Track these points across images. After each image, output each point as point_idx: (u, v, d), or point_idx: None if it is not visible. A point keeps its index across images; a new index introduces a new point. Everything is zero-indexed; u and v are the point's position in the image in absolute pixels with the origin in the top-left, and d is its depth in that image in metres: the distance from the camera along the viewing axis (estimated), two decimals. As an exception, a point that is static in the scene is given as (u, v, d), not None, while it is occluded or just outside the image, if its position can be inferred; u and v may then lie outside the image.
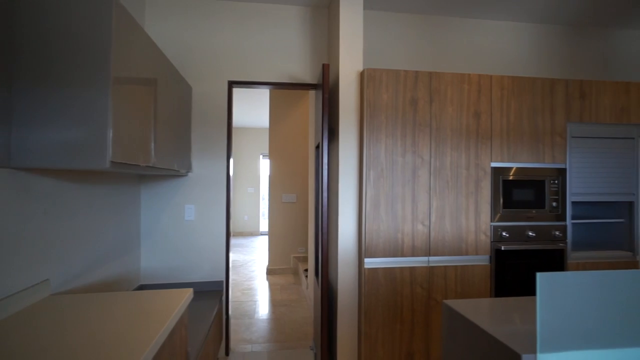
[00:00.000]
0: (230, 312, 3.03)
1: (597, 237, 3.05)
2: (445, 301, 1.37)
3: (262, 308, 4.04)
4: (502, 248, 2.53)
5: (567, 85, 2.69)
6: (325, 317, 2.42)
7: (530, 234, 2.60)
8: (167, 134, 2.13)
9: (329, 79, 2.96)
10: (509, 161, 2.60)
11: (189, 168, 2.70)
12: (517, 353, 0.97)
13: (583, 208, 3.20)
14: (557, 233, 2.63)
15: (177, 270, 2.85)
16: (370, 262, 2.42)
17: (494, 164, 2.57)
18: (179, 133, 2.41)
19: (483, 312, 1.27)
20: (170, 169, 2.19)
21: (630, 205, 2.79)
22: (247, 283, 5.00)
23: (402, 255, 2.45)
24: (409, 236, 2.46)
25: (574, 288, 0.96)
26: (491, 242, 2.55)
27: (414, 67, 3.17)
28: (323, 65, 2.47)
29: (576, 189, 2.69)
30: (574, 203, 3.17)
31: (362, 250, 2.43)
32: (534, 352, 0.96)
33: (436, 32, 3.21)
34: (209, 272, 2.89)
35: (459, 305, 1.33)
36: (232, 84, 3.00)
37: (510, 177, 2.59)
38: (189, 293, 1.59)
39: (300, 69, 3.07)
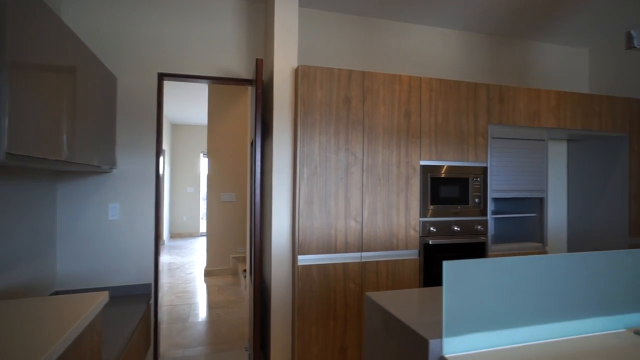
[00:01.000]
0: (161, 316, 2.88)
1: (514, 230, 3.32)
2: (367, 293, 1.40)
3: (198, 311, 3.89)
4: (430, 242, 2.66)
5: (488, 89, 2.89)
6: (257, 316, 2.39)
7: (456, 228, 2.75)
8: (86, 126, 1.97)
9: (264, 74, 2.93)
10: (436, 159, 2.73)
11: (112, 164, 2.52)
12: (425, 338, 1.01)
13: (503, 204, 3.46)
14: (479, 227, 2.81)
15: (99, 274, 2.65)
16: (304, 259, 2.42)
17: (423, 162, 2.69)
18: (100, 126, 2.24)
19: (401, 302, 1.32)
20: (89, 164, 2.03)
21: (540, 201, 3.06)
22: (183, 286, 4.80)
23: (336, 252, 2.48)
24: (342, 232, 2.49)
25: (475, 275, 1.02)
26: (420, 236, 2.67)
27: (349, 67, 3.23)
28: (256, 60, 2.43)
29: (496, 186, 2.89)
30: (494, 199, 3.42)
31: (296, 247, 2.42)
32: (440, 336, 1.01)
33: (371, 34, 3.29)
34: (135, 276, 2.72)
35: (380, 296, 1.37)
36: (162, 77, 2.85)
37: (438, 175, 2.73)
38: (102, 297, 1.47)
39: (236, 63, 3.00)
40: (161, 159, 2.87)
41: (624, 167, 3.33)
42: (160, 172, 2.86)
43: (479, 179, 2.82)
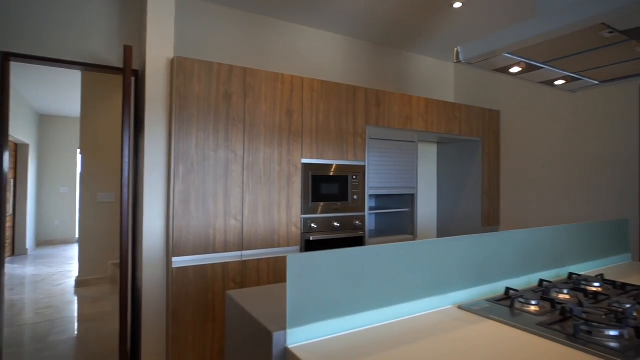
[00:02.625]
0: (9, 339, 2.46)
1: (391, 225, 3.60)
2: (228, 292, 1.37)
3: (64, 327, 3.43)
4: (311, 238, 2.74)
5: (366, 93, 3.09)
6: (125, 325, 2.19)
7: (336, 224, 2.88)
8: None
9: (138, 64, 2.70)
10: (318, 158, 2.82)
11: None
12: (269, 331, 1.01)
13: (382, 200, 3.73)
14: (357, 222, 2.98)
15: None
16: (179, 261, 2.29)
17: (304, 160, 2.76)
18: None
19: (262, 297, 1.32)
20: None
21: (412, 197, 3.38)
22: (46, 300, 4.19)
23: (214, 252, 2.40)
24: (221, 232, 2.42)
25: (319, 266, 1.06)
26: (301, 233, 2.73)
27: (235, 63, 3.16)
28: (125, 47, 2.23)
29: (373, 184, 3.10)
30: (371, 196, 3.67)
31: (170, 248, 2.28)
32: (285, 328, 1.03)
33: (259, 32, 3.27)
34: (-31, 291, 2.28)
35: (240, 293, 1.35)
36: (8, 56, 2.44)
37: (319, 173, 2.82)
38: None
39: (107, 49, 2.71)
40: (7, 153, 2.45)
41: (479, 167, 3.86)
42: (7, 168, 2.44)
43: (357, 177, 3.00)
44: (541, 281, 1.55)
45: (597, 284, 1.55)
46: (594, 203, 3.26)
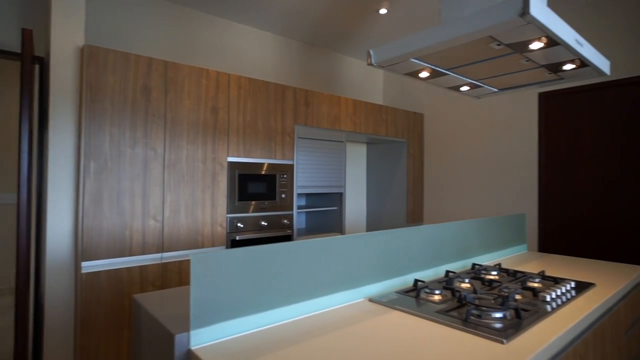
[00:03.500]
0: None
1: (322, 223, 3.66)
2: (134, 296, 1.30)
3: (-47, 345, 3.01)
4: (237, 238, 2.69)
5: (295, 92, 3.10)
6: (23, 341, 1.98)
7: (263, 223, 2.86)
8: None
9: (42, 51, 2.46)
10: (245, 156, 2.78)
11: None
12: (171, 333, 0.98)
13: (313, 198, 3.78)
14: (285, 221, 2.99)
15: None
16: (89, 266, 2.12)
17: (230, 159, 2.70)
18: None
19: (171, 299, 1.27)
20: None
21: (340, 195, 3.47)
22: None
23: (131, 254, 2.26)
24: (139, 233, 2.29)
25: (226, 264, 1.05)
26: (227, 233, 2.67)
27: (156, 55, 3.00)
28: (23, 30, 2.01)
29: (301, 182, 3.13)
30: (300, 194, 3.70)
31: (79, 252, 2.11)
32: (189, 330, 1.00)
33: (184, 24, 3.14)
34: None
35: (148, 296, 1.29)
36: None
37: (246, 172, 2.78)
38: None
39: (5, 32, 2.43)
40: None
41: (404, 167, 4.07)
42: None
43: (285, 176, 3.00)
44: (447, 272, 1.67)
45: (494, 273, 1.70)
46: (502, 199, 3.59)
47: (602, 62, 1.52)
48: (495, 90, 1.90)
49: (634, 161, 2.86)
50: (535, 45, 1.26)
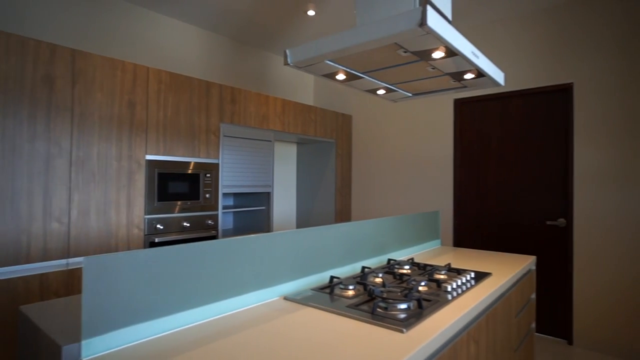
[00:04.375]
0: None
1: (249, 223, 3.61)
2: (20, 307, 1.17)
3: None
4: (157, 240, 2.56)
5: (221, 89, 3.02)
6: None
7: (186, 224, 2.75)
8: None
9: None
10: (165, 155, 2.65)
11: None
12: (58, 344, 0.90)
13: (241, 198, 3.72)
14: (210, 222, 2.90)
15: None
16: (-24, 276, 1.87)
17: (149, 157, 2.56)
18: None
19: (64, 308, 1.16)
20: None
21: (268, 195, 3.45)
22: None
23: (28, 262, 2.04)
24: (38, 237, 2.07)
25: (125, 268, 0.99)
26: (145, 235, 2.52)
27: (62, 43, 2.74)
28: None
29: (227, 182, 3.06)
30: (227, 194, 3.63)
31: (-37, 262, 1.86)
32: (80, 340, 0.92)
33: (98, 11, 2.90)
34: None
35: (39, 306, 1.17)
36: None
37: (167, 171, 2.65)
38: None
39: None
40: None
41: (333, 166, 4.16)
42: None
43: (210, 175, 2.92)
44: (363, 268, 1.74)
45: (407, 267, 1.81)
46: (423, 197, 3.82)
47: (496, 74, 1.68)
48: (410, 94, 2.01)
49: (533, 163, 3.21)
50: (437, 54, 1.36)
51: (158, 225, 2.58)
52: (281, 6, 3.15)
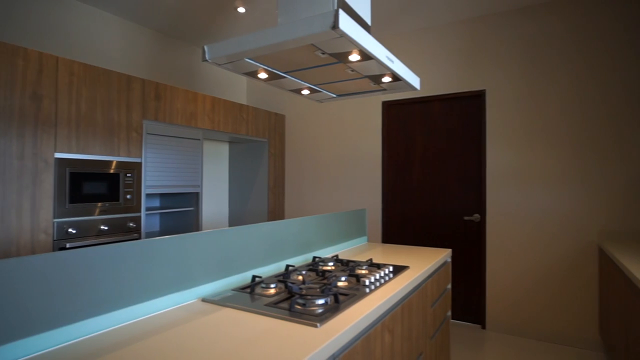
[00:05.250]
0: None
1: (177, 224, 3.46)
2: None
3: None
4: (68, 245, 2.35)
5: (143, 84, 2.86)
6: None
7: (104, 227, 2.56)
8: None
9: None
10: (79, 153, 2.45)
11: None
12: None
13: (168, 199, 3.55)
14: (131, 224, 2.73)
15: None
16: None
17: (59, 155, 2.34)
18: None
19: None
20: None
21: (197, 195, 3.33)
22: None
23: None
24: None
25: (24, 274, 0.90)
26: (54, 240, 2.31)
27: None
28: None
29: (151, 182, 2.91)
30: (150, 195, 3.45)
31: None
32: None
33: (-4, -9, 2.60)
34: None
35: None
36: None
37: (81, 170, 2.45)
38: None
39: None
40: None
41: (265, 166, 4.13)
42: None
43: (131, 175, 2.75)
44: (287, 266, 1.75)
45: (331, 264, 1.85)
46: (354, 196, 3.94)
47: (412, 78, 1.78)
48: (334, 95, 2.07)
49: (453, 163, 3.46)
50: (354, 57, 1.42)
51: (70, 230, 2.37)
52: (210, 0, 3.06)
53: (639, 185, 2.72)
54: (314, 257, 1.97)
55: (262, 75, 1.63)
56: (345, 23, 1.16)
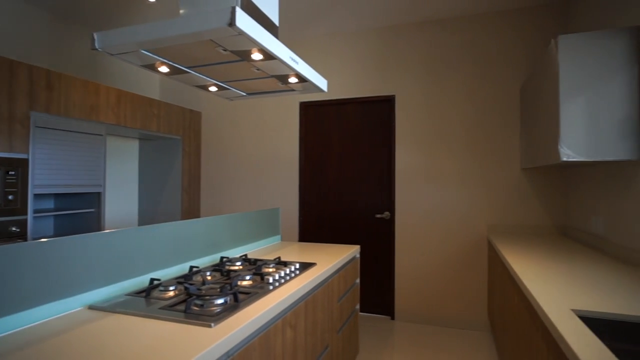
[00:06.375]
0: None
1: (76, 227, 3.15)
2: None
3: None
4: None
5: (31, 71, 2.55)
6: None
7: (-22, 233, 2.24)
8: None
9: None
10: (-55, 147, 2.11)
11: None
12: None
13: (64, 200, 3.21)
14: (14, 229, 2.43)
15: None
16: None
17: None
18: None
19: None
20: None
21: (98, 195, 3.07)
22: None
23: None
24: None
25: None
26: None
27: None
28: None
29: (41, 181, 2.61)
30: (40, 195, 3.11)
31: None
32: None
33: None
34: None
35: None
36: None
37: (-53, 167, 2.11)
38: None
39: None
40: None
41: (179, 165, 3.94)
42: None
43: (15, 173, 2.44)
44: (191, 267, 1.70)
45: (238, 263, 1.83)
46: (272, 196, 3.94)
47: (318, 80, 1.84)
48: (244, 94, 2.05)
49: (366, 163, 3.63)
50: (256, 56, 1.42)
51: None
52: (113, -14, 2.84)
53: (517, 185, 3.12)
54: (222, 258, 1.94)
55: (163, 69, 1.55)
56: (243, 21, 1.16)
